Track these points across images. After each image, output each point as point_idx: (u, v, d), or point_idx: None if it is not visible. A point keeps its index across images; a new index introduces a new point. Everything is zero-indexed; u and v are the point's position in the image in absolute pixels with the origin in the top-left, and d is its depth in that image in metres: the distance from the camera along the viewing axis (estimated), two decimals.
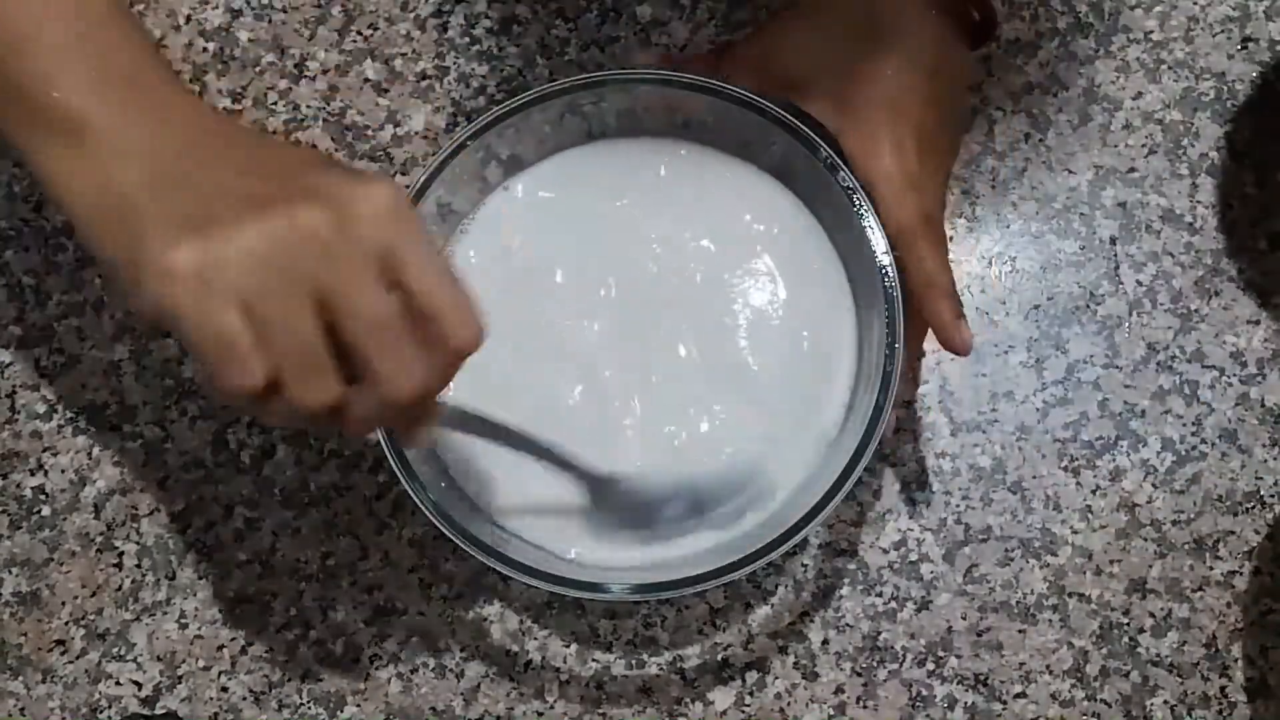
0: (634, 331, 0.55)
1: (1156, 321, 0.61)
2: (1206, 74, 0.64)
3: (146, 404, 0.61)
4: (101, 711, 0.59)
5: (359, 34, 0.65)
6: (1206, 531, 0.59)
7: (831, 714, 0.58)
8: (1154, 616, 0.58)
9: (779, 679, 0.58)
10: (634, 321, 0.55)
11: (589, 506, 0.54)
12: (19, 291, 0.63)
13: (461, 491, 0.55)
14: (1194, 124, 0.63)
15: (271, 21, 0.65)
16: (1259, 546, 0.59)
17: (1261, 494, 0.59)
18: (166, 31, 0.65)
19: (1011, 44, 0.64)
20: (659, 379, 0.55)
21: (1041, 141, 0.63)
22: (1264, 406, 0.60)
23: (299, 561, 0.60)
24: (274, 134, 0.64)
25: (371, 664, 0.59)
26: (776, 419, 0.55)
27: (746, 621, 0.59)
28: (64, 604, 0.60)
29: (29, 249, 0.63)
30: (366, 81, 0.64)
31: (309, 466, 0.60)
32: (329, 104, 0.64)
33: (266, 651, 0.59)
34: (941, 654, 0.58)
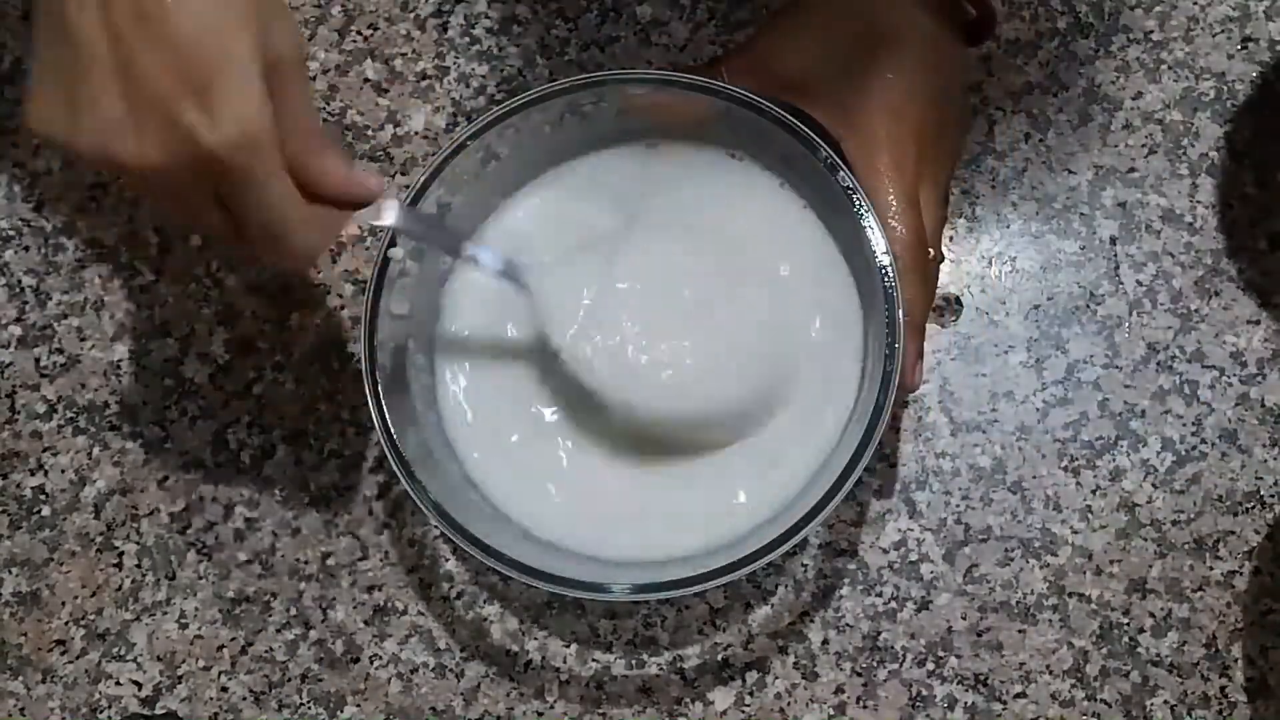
0: (631, 333, 0.55)
1: (1156, 321, 0.61)
2: (1206, 74, 0.64)
3: (146, 404, 0.61)
4: (101, 711, 0.59)
5: (359, 34, 0.65)
6: (1206, 531, 0.59)
7: (831, 714, 0.58)
8: (1154, 616, 0.58)
9: (779, 679, 0.58)
10: (631, 323, 0.55)
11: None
12: (19, 291, 0.63)
13: (478, 490, 0.55)
14: (1194, 124, 0.63)
15: None
16: (1259, 546, 0.59)
17: (1261, 494, 0.59)
18: None
19: (1011, 44, 0.64)
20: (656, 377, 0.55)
21: (1041, 141, 0.63)
22: (1264, 406, 0.60)
23: (299, 561, 0.60)
24: None
25: (371, 664, 0.59)
26: (777, 415, 0.55)
27: (746, 621, 0.59)
28: (64, 604, 0.60)
29: (29, 249, 0.63)
30: (366, 81, 0.64)
31: (309, 466, 0.60)
32: (329, 104, 0.64)
33: (266, 651, 0.59)
34: (941, 654, 0.58)
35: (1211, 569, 0.59)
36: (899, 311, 0.52)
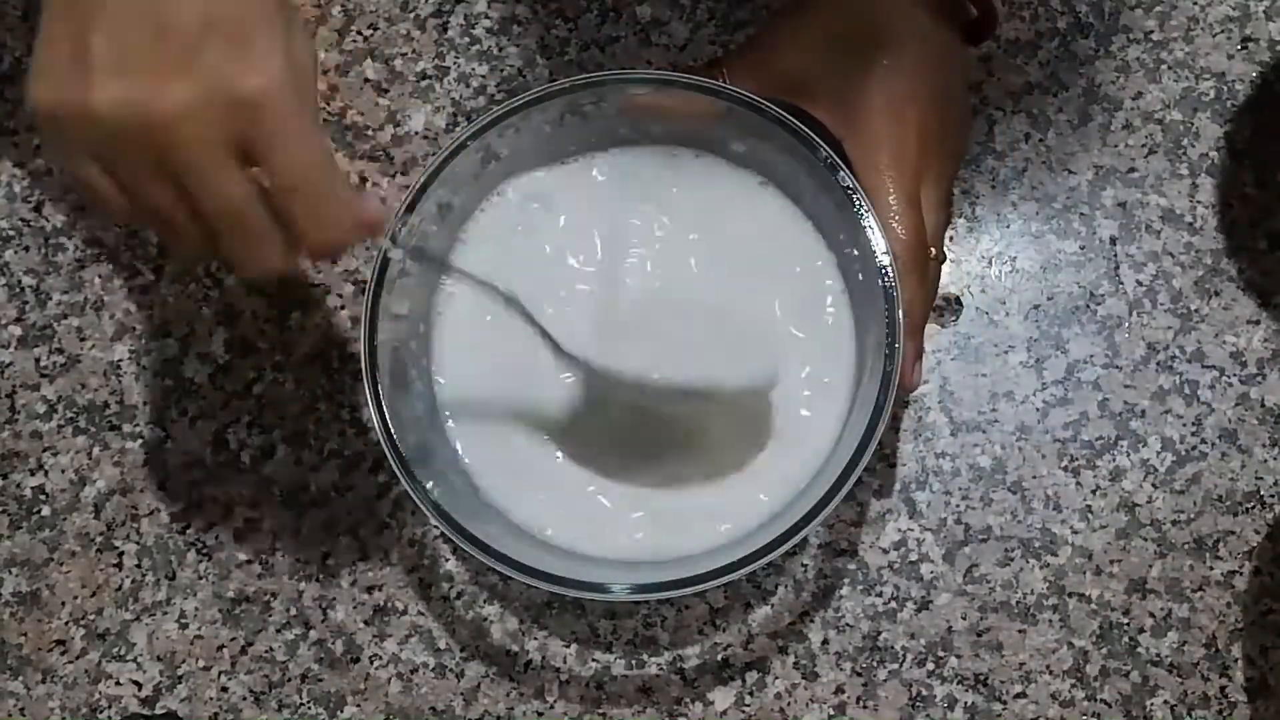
0: (630, 332, 0.55)
1: (1156, 321, 0.61)
2: (1206, 74, 0.64)
3: (146, 404, 0.61)
4: (101, 711, 0.59)
5: (359, 34, 0.65)
6: (1206, 531, 0.59)
7: (831, 714, 0.58)
8: (1154, 616, 0.58)
9: (779, 679, 0.58)
10: (630, 324, 0.56)
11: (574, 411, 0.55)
12: (19, 291, 0.63)
13: (478, 491, 0.55)
14: (1194, 124, 0.63)
15: None
16: (1259, 546, 0.59)
17: (1261, 494, 0.59)
18: None
19: (1011, 44, 0.64)
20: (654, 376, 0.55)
21: (1041, 141, 0.63)
22: (1264, 406, 0.60)
23: (299, 561, 0.60)
24: None
25: (371, 664, 0.59)
26: (774, 415, 0.55)
27: (746, 621, 0.59)
28: (64, 604, 0.60)
29: (29, 249, 0.63)
30: (366, 81, 0.64)
31: (309, 466, 0.60)
32: (329, 104, 0.64)
33: (266, 651, 0.59)
34: (941, 654, 0.58)
35: (1211, 569, 0.59)
36: (899, 311, 0.52)
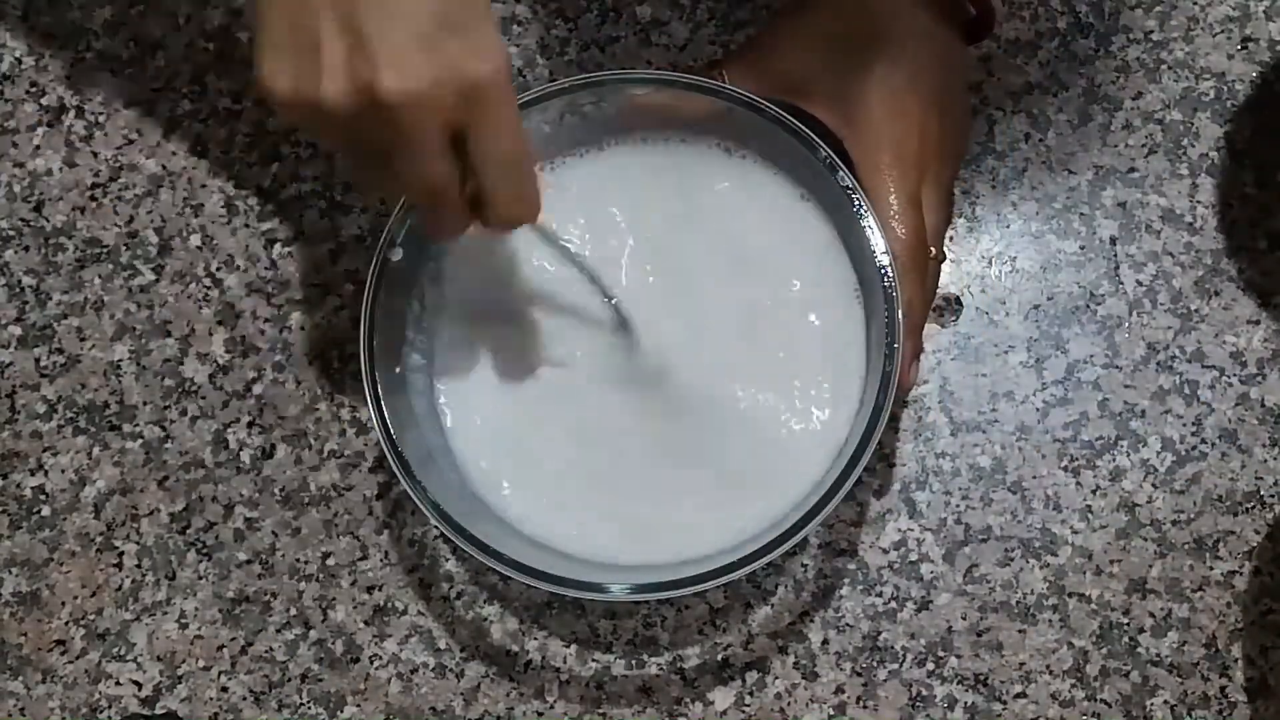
0: (627, 332, 0.56)
1: (1156, 321, 0.61)
2: (1206, 74, 0.64)
3: (146, 404, 0.61)
4: (101, 711, 0.59)
5: None
6: (1206, 531, 0.59)
7: (831, 714, 0.58)
8: (1154, 616, 0.58)
9: (779, 679, 0.58)
10: (628, 323, 0.56)
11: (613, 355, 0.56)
12: (19, 291, 0.63)
13: (478, 490, 0.55)
14: (1194, 124, 0.63)
15: None
16: (1259, 546, 0.59)
17: (1261, 494, 0.59)
18: (166, 31, 0.65)
19: (1011, 44, 0.64)
20: (652, 374, 0.55)
21: (1041, 141, 0.63)
22: (1264, 406, 0.60)
23: (299, 561, 0.60)
24: (274, 134, 0.64)
25: (371, 664, 0.59)
26: (773, 418, 0.55)
27: (746, 621, 0.59)
28: (64, 604, 0.60)
29: (29, 249, 0.63)
30: None
31: (309, 466, 0.60)
32: None
33: (266, 651, 0.59)
34: (941, 654, 0.58)
35: (1211, 569, 0.59)
36: (899, 311, 0.52)
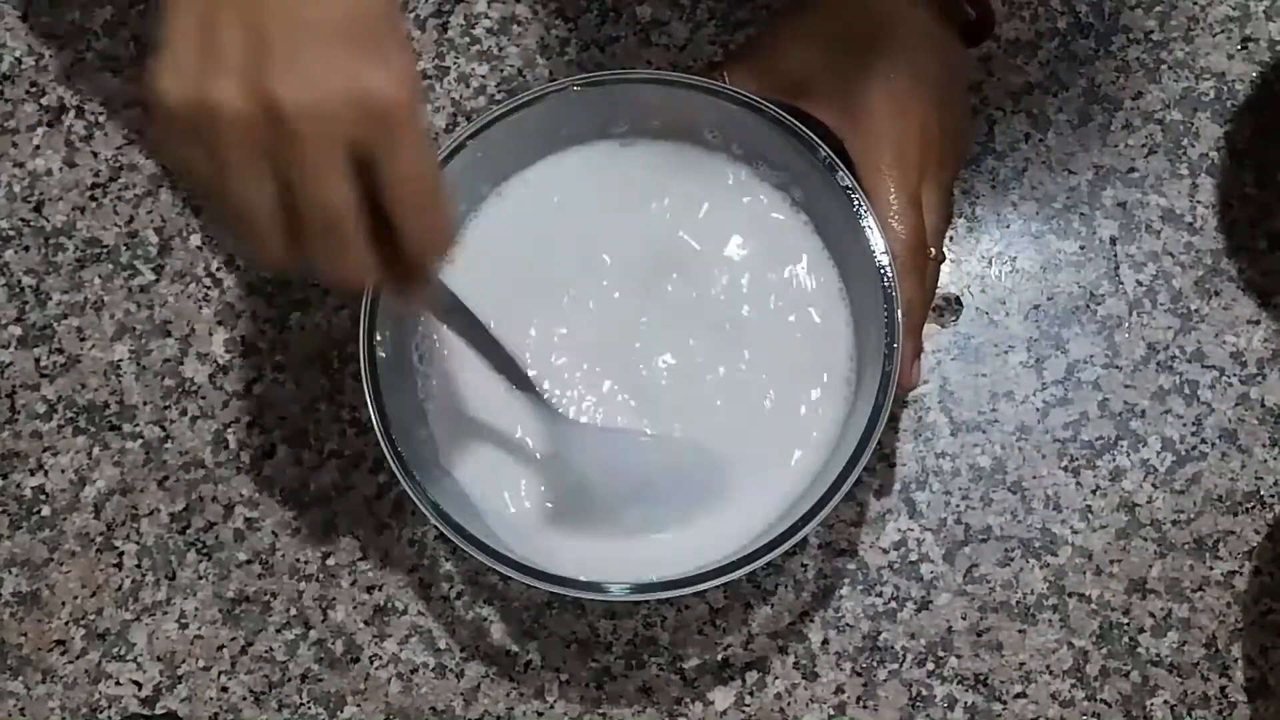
0: (626, 332, 0.56)
1: (1156, 321, 0.61)
2: (1206, 74, 0.64)
3: (146, 404, 0.61)
4: (101, 711, 0.59)
5: None
6: (1206, 531, 0.59)
7: (831, 714, 0.58)
8: (1154, 616, 0.58)
9: (779, 679, 0.58)
10: (627, 322, 0.56)
11: (541, 454, 0.55)
12: (19, 291, 0.63)
13: (478, 490, 0.55)
14: (1194, 124, 0.63)
15: None
16: (1259, 546, 0.59)
17: (1261, 494, 0.59)
18: None
19: (1011, 44, 0.64)
20: (648, 375, 0.55)
21: (1041, 141, 0.63)
22: (1264, 406, 0.60)
23: (299, 561, 0.60)
24: None
25: (371, 664, 0.59)
26: (770, 419, 0.55)
27: (746, 621, 0.59)
28: (64, 604, 0.60)
29: (29, 249, 0.63)
30: None
31: (309, 466, 0.60)
32: None
33: (266, 651, 0.59)
34: (941, 654, 0.58)
35: (1211, 569, 0.59)
36: (898, 311, 0.52)
